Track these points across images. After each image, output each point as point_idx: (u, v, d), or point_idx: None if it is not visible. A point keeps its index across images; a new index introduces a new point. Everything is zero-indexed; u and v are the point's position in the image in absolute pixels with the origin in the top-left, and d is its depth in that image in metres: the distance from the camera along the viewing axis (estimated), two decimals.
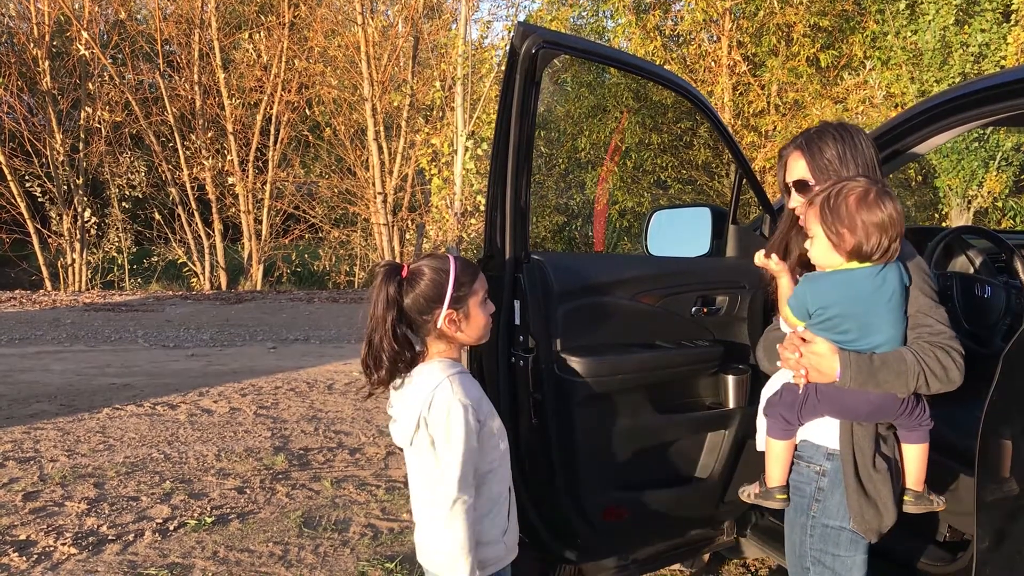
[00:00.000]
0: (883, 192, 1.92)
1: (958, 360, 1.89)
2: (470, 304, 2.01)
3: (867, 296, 1.94)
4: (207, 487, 4.57)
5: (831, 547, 2.09)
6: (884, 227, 1.89)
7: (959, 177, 11.60)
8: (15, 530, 3.95)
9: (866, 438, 2.02)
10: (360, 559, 3.71)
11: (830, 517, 2.08)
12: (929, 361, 1.89)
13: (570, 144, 14.91)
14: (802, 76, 12.91)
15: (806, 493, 2.13)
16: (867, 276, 1.94)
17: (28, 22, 14.39)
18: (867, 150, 2.12)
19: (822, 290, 1.97)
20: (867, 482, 2.01)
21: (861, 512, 2.01)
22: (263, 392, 6.69)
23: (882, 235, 1.89)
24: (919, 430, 2.05)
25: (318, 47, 15.19)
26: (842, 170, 2.09)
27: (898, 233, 1.90)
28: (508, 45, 2.59)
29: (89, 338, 8.94)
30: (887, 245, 1.90)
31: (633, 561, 2.95)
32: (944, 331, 1.92)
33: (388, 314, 1.94)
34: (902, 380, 1.90)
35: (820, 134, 2.16)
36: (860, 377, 1.91)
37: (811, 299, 1.98)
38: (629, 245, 15.14)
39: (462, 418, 1.92)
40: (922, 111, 2.71)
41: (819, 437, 2.10)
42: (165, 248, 15.15)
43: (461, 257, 2.04)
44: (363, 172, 15.14)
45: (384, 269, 1.98)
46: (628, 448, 2.74)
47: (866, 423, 2.02)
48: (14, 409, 6.02)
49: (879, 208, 1.89)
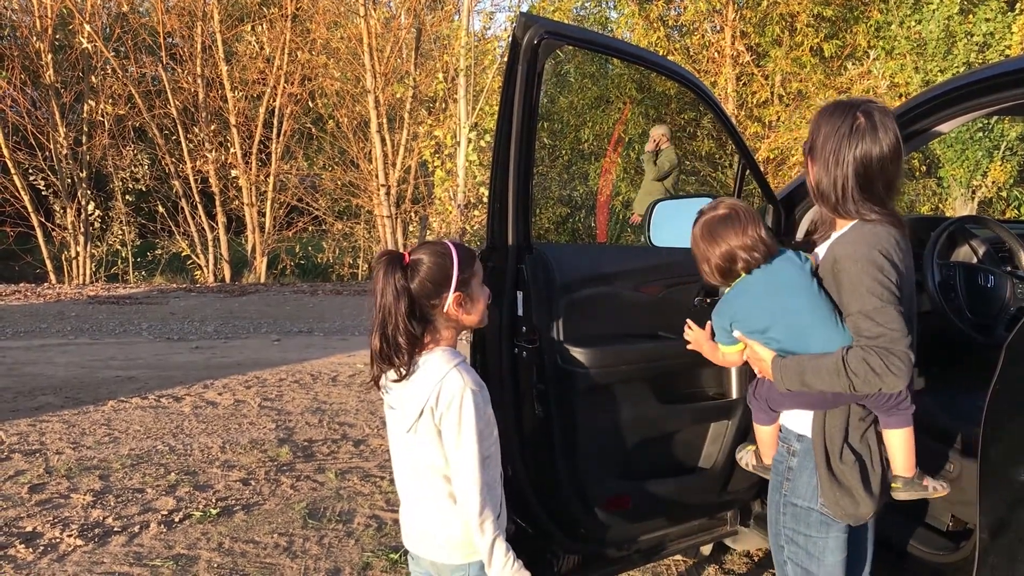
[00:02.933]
0: (716, 222, 2.08)
1: (896, 364, 1.84)
2: (474, 285, 2.04)
3: (763, 298, 2.05)
4: (212, 479, 4.59)
5: (802, 527, 2.14)
6: (720, 255, 2.07)
7: (963, 167, 11.57)
8: (21, 522, 3.97)
9: (835, 428, 2.05)
10: (364, 550, 3.73)
11: (799, 497, 2.13)
12: (855, 366, 1.87)
13: (573, 135, 14.88)
14: (806, 66, 12.85)
15: (780, 472, 2.20)
16: (752, 283, 2.07)
17: (31, 15, 14.37)
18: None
19: (723, 309, 2.15)
20: (837, 471, 2.04)
21: (835, 499, 2.05)
22: (267, 384, 6.71)
23: (719, 260, 2.08)
24: (898, 414, 2.05)
25: (321, 39, 15.15)
26: (817, 150, 2.11)
27: (733, 255, 2.05)
28: (511, 36, 2.58)
29: (94, 331, 8.96)
30: (727, 267, 2.08)
31: (636, 550, 2.96)
32: (884, 334, 1.86)
33: (400, 303, 1.95)
34: (830, 383, 1.93)
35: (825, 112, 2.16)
36: (790, 381, 2.00)
37: (717, 319, 2.17)
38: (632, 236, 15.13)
39: (472, 403, 1.95)
40: (926, 100, 2.70)
41: (791, 421, 2.18)
42: (169, 241, 15.15)
43: (457, 242, 2.07)
44: (366, 164, 15.12)
45: (385, 259, 1.99)
46: (631, 438, 2.74)
47: (837, 411, 2.05)
48: (19, 402, 6.04)
49: (710, 239, 2.08)
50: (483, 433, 1.97)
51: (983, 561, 1.94)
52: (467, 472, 1.95)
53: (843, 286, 1.95)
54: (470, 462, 1.95)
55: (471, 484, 1.95)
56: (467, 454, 1.95)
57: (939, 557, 2.62)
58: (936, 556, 2.63)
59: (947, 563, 2.59)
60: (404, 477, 2.14)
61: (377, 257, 2.00)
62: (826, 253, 2.05)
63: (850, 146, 1.98)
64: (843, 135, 1.99)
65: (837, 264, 1.97)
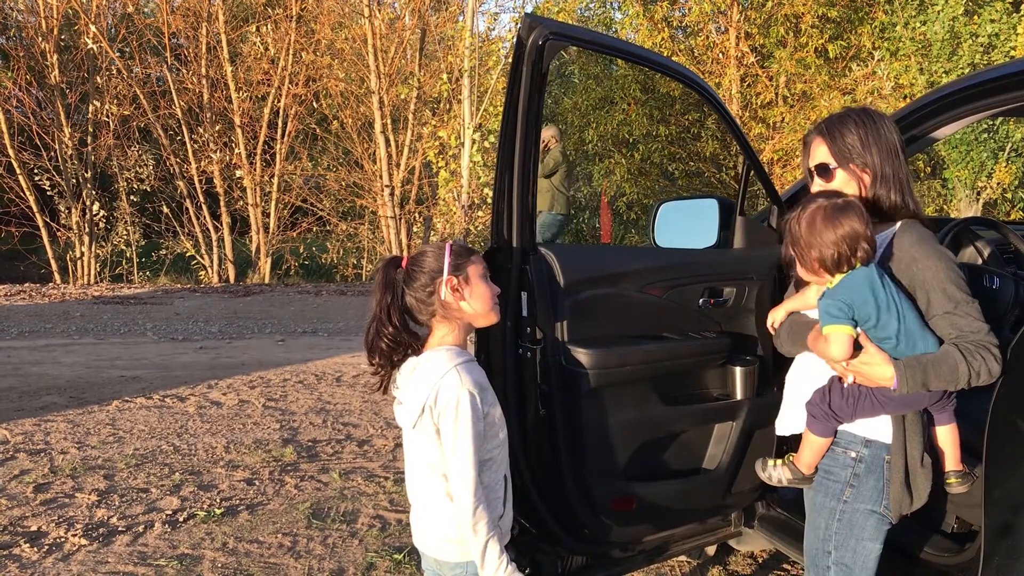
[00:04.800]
0: (838, 208, 1.96)
1: (998, 354, 1.90)
2: (469, 271, 2.05)
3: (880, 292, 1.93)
4: (216, 479, 4.60)
5: (857, 531, 2.10)
6: (839, 241, 1.94)
7: (968, 168, 11.54)
8: (26, 521, 3.97)
9: (917, 433, 2.02)
10: (369, 550, 3.73)
11: (863, 501, 2.09)
12: (975, 364, 1.88)
13: (577, 136, 14.88)
14: (810, 67, 12.83)
15: (840, 479, 2.12)
16: (870, 275, 1.94)
17: (36, 16, 14.40)
18: (889, 135, 2.11)
19: (840, 293, 1.96)
20: (915, 473, 2.02)
21: (900, 499, 2.03)
22: (272, 384, 6.72)
23: (839, 247, 1.94)
24: (947, 410, 2.07)
25: (325, 40, 15.17)
26: (865, 155, 2.10)
27: (857, 242, 1.93)
28: (515, 37, 2.59)
29: (98, 331, 8.98)
30: (848, 255, 1.94)
31: (640, 552, 2.96)
32: (982, 328, 1.92)
33: (393, 304, 2.01)
34: (951, 382, 1.91)
35: (842, 119, 2.16)
36: (914, 384, 1.92)
37: (831, 300, 1.96)
38: (636, 237, 15.12)
39: (469, 404, 1.95)
40: (931, 101, 2.70)
41: (856, 426, 2.10)
42: (173, 241, 15.17)
43: (458, 242, 2.10)
44: (370, 165, 15.14)
45: (384, 261, 2.07)
46: (635, 439, 2.74)
47: (914, 414, 2.03)
48: (24, 401, 6.06)
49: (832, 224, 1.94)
50: (482, 435, 1.98)
51: (988, 562, 1.94)
52: (461, 473, 1.96)
53: (930, 285, 1.95)
54: (465, 463, 1.95)
55: (465, 485, 1.95)
56: (462, 455, 1.95)
57: (944, 558, 2.62)
58: (941, 557, 2.63)
59: (952, 564, 2.58)
60: (409, 473, 2.17)
61: (381, 260, 2.05)
62: (898, 254, 2.03)
63: (888, 139, 2.09)
64: (877, 134, 2.09)
65: (916, 264, 1.97)
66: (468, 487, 1.95)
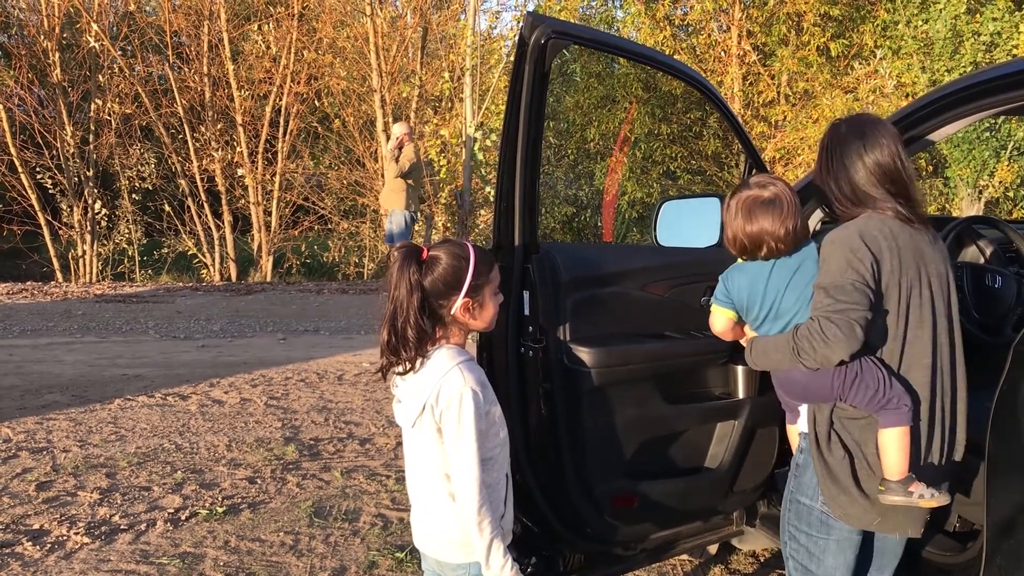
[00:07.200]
0: (759, 203, 2.06)
1: (832, 330, 1.86)
2: (486, 293, 2.03)
3: (761, 284, 2.10)
4: (218, 477, 4.60)
5: (804, 525, 2.17)
6: (747, 233, 2.08)
7: (970, 167, 11.53)
8: (29, 519, 3.98)
9: (822, 423, 2.07)
10: (370, 549, 3.73)
11: (803, 494, 2.16)
12: (799, 334, 1.94)
13: (579, 135, 14.87)
14: (812, 66, 12.82)
15: (792, 469, 2.25)
16: (762, 267, 2.11)
17: (38, 14, 14.40)
18: (857, 149, 2.11)
19: (731, 275, 2.20)
20: (829, 463, 2.06)
21: (832, 496, 2.06)
22: (273, 383, 6.72)
23: (746, 238, 2.09)
24: (888, 413, 1.96)
25: (327, 38, 15.16)
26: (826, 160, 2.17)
27: (762, 239, 2.06)
28: (517, 35, 2.59)
29: (100, 329, 8.98)
30: (751, 248, 2.09)
31: (642, 550, 2.96)
32: (831, 304, 1.89)
33: (412, 298, 1.95)
34: (784, 354, 1.99)
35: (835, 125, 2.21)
36: (757, 357, 2.11)
37: (721, 283, 2.23)
38: (638, 236, 15.11)
39: (472, 402, 1.94)
40: (933, 100, 2.70)
41: (801, 421, 2.23)
42: (175, 240, 15.15)
43: (479, 246, 2.06)
44: (372, 163, 15.13)
45: (403, 251, 1.98)
46: (637, 438, 2.74)
47: (823, 406, 2.07)
48: (27, 400, 6.06)
49: (746, 217, 2.08)
50: (484, 433, 1.97)
51: (990, 562, 1.93)
52: (465, 472, 1.94)
53: (820, 267, 2.03)
54: (468, 462, 1.93)
55: (469, 484, 1.94)
56: (465, 454, 1.94)
57: (946, 558, 2.62)
58: (943, 557, 2.63)
59: (954, 564, 2.59)
60: (409, 473, 2.16)
61: (397, 248, 2.00)
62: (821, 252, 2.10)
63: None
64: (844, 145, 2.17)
65: (822, 248, 2.05)
66: (472, 485, 1.93)
